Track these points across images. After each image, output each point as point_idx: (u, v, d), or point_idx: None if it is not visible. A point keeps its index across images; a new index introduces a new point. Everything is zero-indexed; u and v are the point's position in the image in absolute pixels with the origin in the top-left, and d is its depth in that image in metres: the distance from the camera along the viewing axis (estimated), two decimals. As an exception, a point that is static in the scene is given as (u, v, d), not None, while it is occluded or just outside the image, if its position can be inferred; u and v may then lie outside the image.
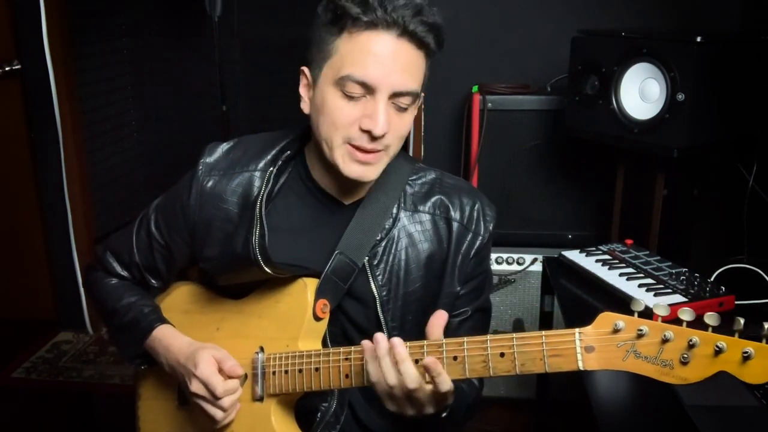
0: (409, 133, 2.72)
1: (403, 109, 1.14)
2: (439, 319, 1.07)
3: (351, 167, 1.15)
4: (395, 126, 1.14)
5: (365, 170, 1.15)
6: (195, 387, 1.18)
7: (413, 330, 1.24)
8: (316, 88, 1.16)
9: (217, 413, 1.18)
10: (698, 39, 1.79)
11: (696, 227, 2.47)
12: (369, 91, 1.11)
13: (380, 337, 1.04)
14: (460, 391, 1.20)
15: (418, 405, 1.05)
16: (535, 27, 2.70)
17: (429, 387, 1.02)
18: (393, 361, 1.02)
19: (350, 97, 1.11)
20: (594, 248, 1.88)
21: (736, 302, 1.54)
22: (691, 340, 0.89)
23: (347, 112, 1.12)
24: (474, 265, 1.27)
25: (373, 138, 1.11)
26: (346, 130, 1.12)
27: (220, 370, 1.19)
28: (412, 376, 1.01)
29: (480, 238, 1.27)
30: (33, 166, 3.02)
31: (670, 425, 1.23)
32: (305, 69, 1.19)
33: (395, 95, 1.11)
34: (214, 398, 1.17)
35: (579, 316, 0.98)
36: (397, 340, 1.03)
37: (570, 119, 2.16)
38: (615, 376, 1.37)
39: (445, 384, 1.02)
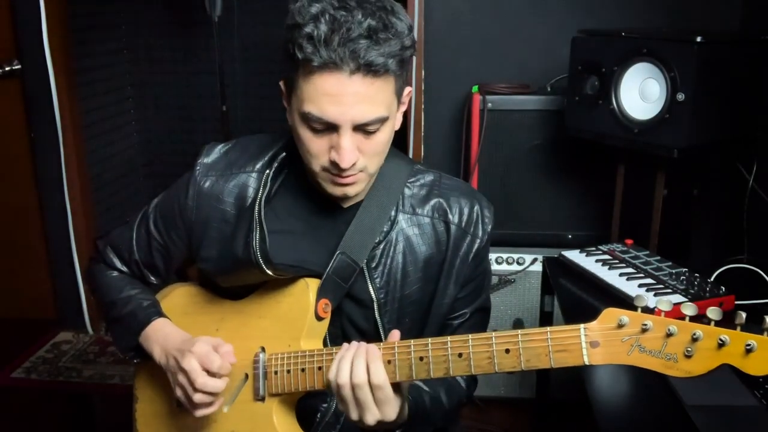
0: (409, 134, 2.75)
1: (371, 133, 1.11)
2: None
3: (333, 189, 1.16)
4: (367, 149, 1.12)
5: (347, 190, 1.16)
6: (187, 362, 1.16)
7: (410, 333, 1.23)
8: (290, 107, 1.15)
9: (207, 383, 1.16)
10: (698, 39, 1.79)
11: (696, 227, 2.47)
12: (331, 126, 1.09)
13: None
14: (421, 406, 1.20)
15: (383, 407, 1.05)
16: (535, 27, 2.70)
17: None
18: (365, 359, 1.04)
19: (316, 130, 1.10)
20: (594, 248, 1.88)
21: (736, 302, 1.55)
22: (694, 334, 0.91)
23: (316, 144, 1.12)
24: (472, 268, 1.27)
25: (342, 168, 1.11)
26: (319, 160, 1.13)
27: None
28: (378, 373, 1.03)
29: (478, 240, 1.26)
30: (33, 166, 3.02)
31: (670, 425, 1.24)
32: (281, 84, 1.17)
33: (359, 126, 1.09)
34: (208, 374, 1.16)
35: (579, 316, 0.98)
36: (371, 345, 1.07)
37: (570, 119, 2.16)
38: (615, 376, 1.38)
39: (375, 376, 1.04)
